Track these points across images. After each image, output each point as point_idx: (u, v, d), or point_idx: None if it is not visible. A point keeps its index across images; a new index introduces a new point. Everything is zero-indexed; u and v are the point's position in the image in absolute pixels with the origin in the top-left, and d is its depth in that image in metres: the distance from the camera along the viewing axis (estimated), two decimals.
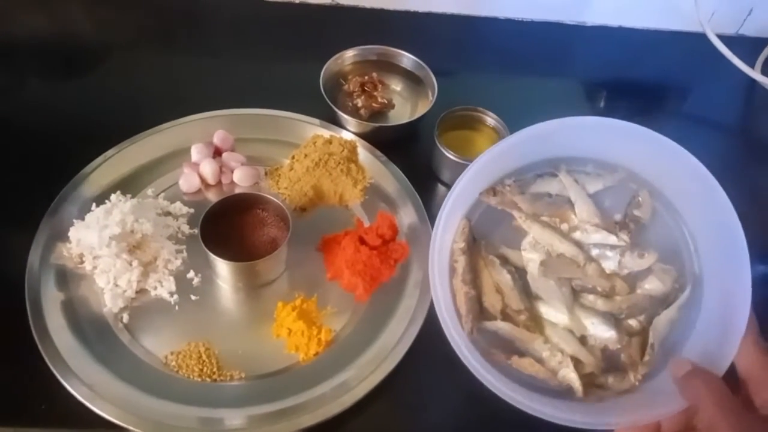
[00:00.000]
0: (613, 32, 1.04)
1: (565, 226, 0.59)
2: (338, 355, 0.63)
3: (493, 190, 0.61)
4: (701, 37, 0.93)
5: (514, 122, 0.78)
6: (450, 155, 0.75)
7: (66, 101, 0.84)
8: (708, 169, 0.48)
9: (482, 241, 0.60)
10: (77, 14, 0.97)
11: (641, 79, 0.99)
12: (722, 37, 0.92)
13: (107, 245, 0.63)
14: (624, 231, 0.58)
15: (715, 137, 0.94)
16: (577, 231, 0.59)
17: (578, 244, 0.58)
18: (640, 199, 0.59)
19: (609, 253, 0.57)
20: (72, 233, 0.66)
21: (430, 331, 0.64)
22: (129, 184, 0.73)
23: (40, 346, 0.60)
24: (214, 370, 0.61)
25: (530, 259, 0.58)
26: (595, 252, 0.58)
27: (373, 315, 0.66)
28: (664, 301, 0.55)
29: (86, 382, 0.58)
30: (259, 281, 0.67)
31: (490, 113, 0.79)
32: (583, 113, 0.91)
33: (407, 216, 0.74)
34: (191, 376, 0.60)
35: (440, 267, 0.56)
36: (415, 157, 0.80)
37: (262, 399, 0.59)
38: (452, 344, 0.52)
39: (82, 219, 0.67)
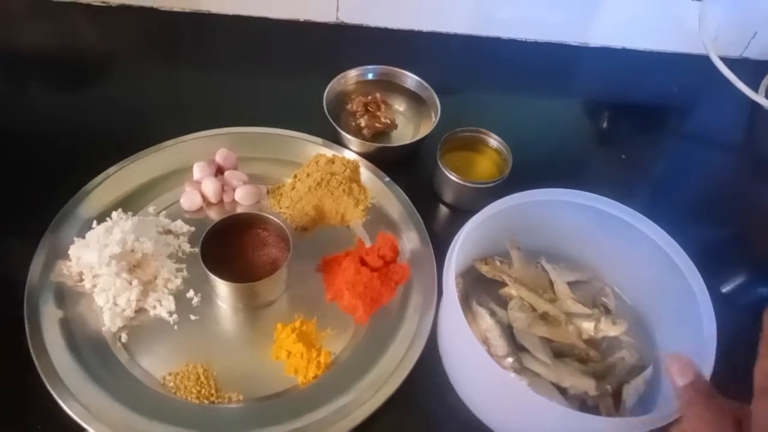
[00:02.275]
0: (617, 53, 1.04)
1: (547, 296, 0.67)
2: (337, 378, 0.62)
3: (485, 260, 0.69)
4: (705, 59, 0.94)
5: (517, 144, 0.78)
6: (452, 177, 0.75)
7: (70, 115, 0.84)
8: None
9: (473, 298, 0.66)
10: (83, 26, 0.98)
11: (644, 101, 0.99)
12: (726, 60, 0.92)
13: (107, 264, 0.63)
14: (597, 308, 0.67)
15: (717, 159, 0.94)
16: (558, 302, 0.67)
17: (559, 308, 0.66)
18: (607, 290, 0.69)
19: (586, 320, 0.65)
20: (72, 251, 0.66)
21: (430, 356, 0.64)
22: (130, 202, 0.73)
23: (37, 365, 0.59)
24: (212, 392, 0.60)
25: (517, 317, 0.65)
26: (574, 319, 0.65)
27: (373, 338, 0.65)
28: (632, 371, 0.63)
29: (82, 402, 0.58)
30: (259, 302, 0.67)
31: (493, 135, 0.79)
32: (584, 134, 0.93)
33: (409, 237, 0.73)
34: (189, 398, 0.60)
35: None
36: (417, 178, 0.80)
37: (260, 423, 0.59)
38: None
39: (83, 237, 0.67)
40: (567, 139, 0.92)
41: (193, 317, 0.66)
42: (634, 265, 0.68)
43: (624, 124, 0.96)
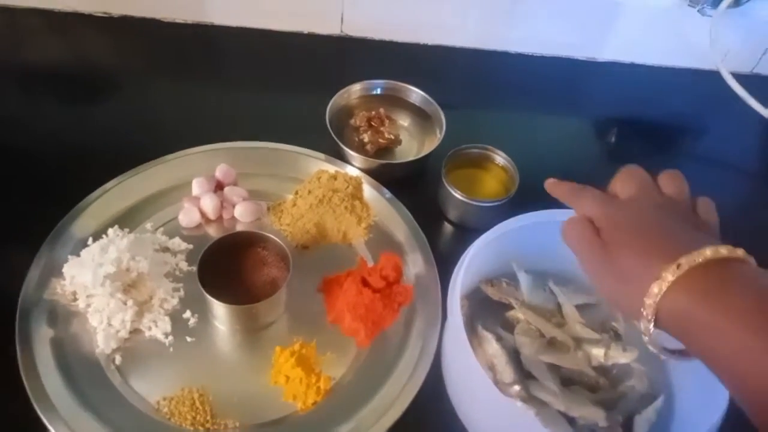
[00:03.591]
0: (626, 69, 1.02)
1: (556, 320, 0.65)
2: (337, 405, 0.60)
3: (491, 282, 0.67)
4: (715, 76, 0.92)
5: (523, 161, 0.76)
6: (457, 195, 0.73)
7: (67, 128, 0.83)
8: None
9: (478, 321, 0.64)
10: (83, 37, 0.96)
11: (654, 117, 0.98)
12: (737, 76, 0.90)
13: (102, 284, 0.61)
14: (606, 334, 0.65)
15: (729, 177, 0.92)
16: (566, 326, 0.65)
17: (568, 333, 0.64)
18: (617, 314, 0.66)
19: (596, 346, 0.62)
20: (66, 269, 0.64)
21: (434, 381, 0.62)
22: (127, 218, 0.71)
23: (27, 387, 0.58)
24: (208, 418, 0.58)
25: (524, 342, 0.62)
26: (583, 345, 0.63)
27: (375, 363, 0.63)
28: (642, 400, 0.61)
29: (72, 427, 0.56)
30: (258, 324, 0.65)
31: (500, 152, 0.77)
32: (593, 152, 0.91)
33: (412, 256, 0.71)
34: (183, 424, 0.58)
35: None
36: (421, 195, 0.78)
37: None
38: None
39: (78, 254, 0.65)
40: (575, 156, 0.90)
41: (189, 339, 0.64)
42: None
43: (633, 141, 0.94)
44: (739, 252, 0.39)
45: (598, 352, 0.63)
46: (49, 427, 0.56)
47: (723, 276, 0.38)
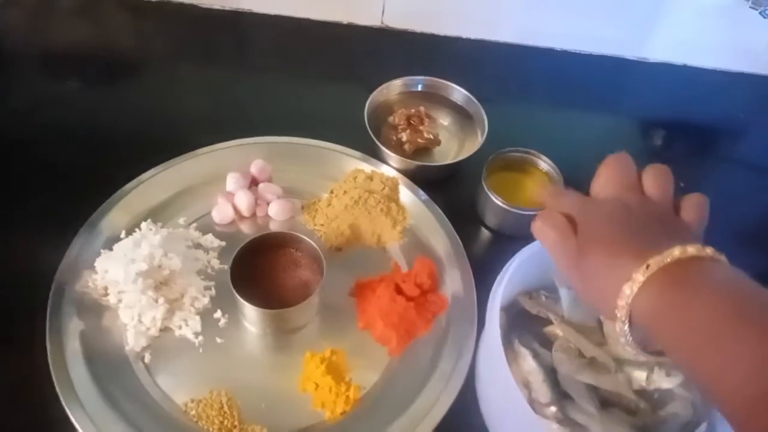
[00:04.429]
0: (677, 70, 0.98)
1: (596, 339, 0.61)
2: (367, 416, 0.59)
3: (529, 294, 0.64)
4: None
5: (568, 165, 0.73)
6: (497, 201, 0.70)
7: (102, 118, 0.82)
8: None
9: (515, 335, 0.61)
10: (119, 22, 0.95)
11: (704, 122, 0.93)
12: None
13: (133, 281, 0.60)
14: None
15: None
16: (607, 345, 0.61)
17: (608, 353, 0.60)
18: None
19: (638, 369, 0.59)
20: (98, 263, 0.63)
21: (467, 397, 0.60)
22: (160, 212, 0.70)
23: (55, 381, 0.57)
24: (236, 423, 0.57)
25: (562, 360, 0.59)
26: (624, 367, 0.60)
27: (406, 374, 0.62)
28: (685, 428, 0.57)
29: (96, 424, 0.55)
30: (288, 327, 0.64)
31: (544, 157, 0.74)
32: (640, 154, 0.86)
33: (447, 263, 0.69)
34: (211, 429, 0.57)
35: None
36: (459, 199, 0.76)
37: None
38: None
39: (110, 248, 0.65)
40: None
41: (219, 340, 0.63)
42: None
43: (683, 147, 0.90)
44: (708, 250, 0.40)
45: (639, 375, 0.60)
46: (74, 421, 0.55)
47: (692, 274, 0.39)
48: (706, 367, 0.37)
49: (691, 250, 0.39)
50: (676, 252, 0.39)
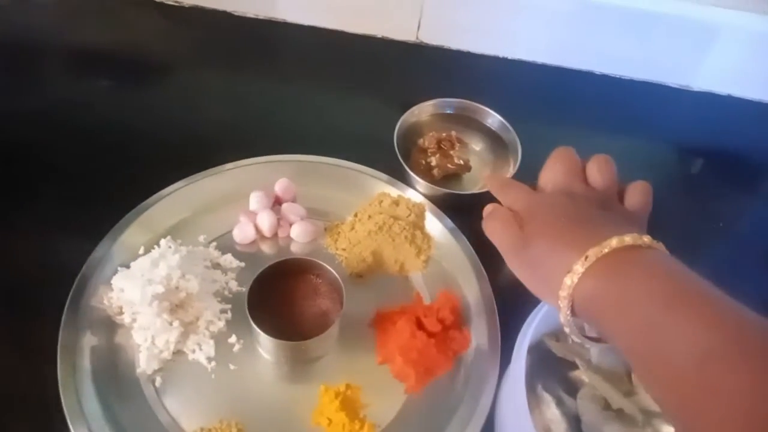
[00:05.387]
0: (721, 100, 0.93)
1: (624, 388, 0.58)
2: None
3: (556, 336, 0.61)
4: None
5: None
6: None
7: (127, 123, 0.80)
8: None
9: (538, 380, 0.58)
10: (152, 26, 0.94)
11: (745, 154, 0.89)
12: None
13: (149, 303, 0.58)
14: None
15: None
16: (635, 396, 0.58)
17: (637, 405, 0.57)
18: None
19: (666, 423, 0.56)
20: (115, 281, 0.62)
21: None
22: (181, 229, 0.69)
23: (62, 395, 0.56)
24: None
25: (587, 409, 0.57)
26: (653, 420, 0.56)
27: (424, 415, 0.59)
28: None
29: None
30: (305, 357, 0.62)
31: None
32: (677, 185, 0.84)
33: (471, 297, 0.67)
34: None
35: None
36: None
37: None
38: None
39: (128, 265, 0.63)
40: (658, 195, 0.82)
41: (232, 366, 0.61)
42: None
43: (722, 178, 0.86)
44: (645, 239, 0.41)
45: (668, 430, 0.57)
46: None
47: (628, 262, 0.40)
48: (644, 350, 0.38)
49: (628, 239, 0.40)
50: (614, 242, 0.40)
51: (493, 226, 0.49)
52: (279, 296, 0.63)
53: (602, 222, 0.44)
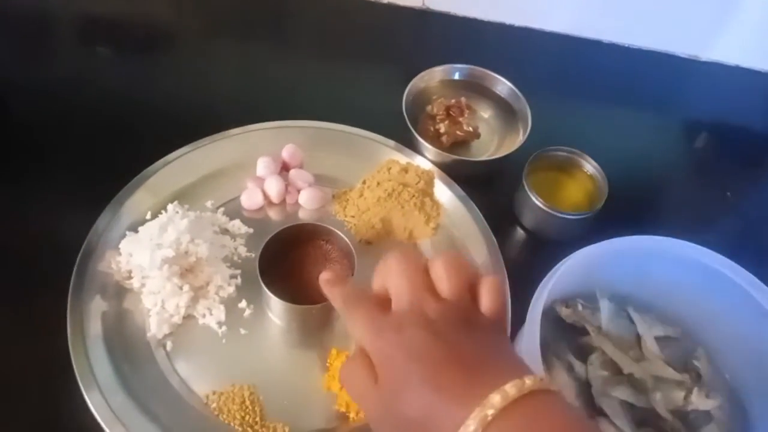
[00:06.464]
0: (730, 71, 0.93)
1: (634, 354, 0.60)
2: None
3: (566, 303, 0.61)
4: None
5: (611, 167, 0.70)
6: (537, 201, 0.67)
7: (133, 89, 0.79)
8: None
9: (549, 346, 0.59)
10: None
11: (753, 126, 0.89)
12: None
13: (159, 267, 0.58)
14: (687, 373, 0.59)
15: None
16: (645, 361, 0.59)
17: (647, 371, 0.58)
18: (700, 351, 0.61)
19: (676, 388, 0.57)
20: (123, 246, 0.61)
21: None
22: (188, 195, 0.68)
23: (73, 362, 0.56)
24: (257, 419, 0.55)
25: (597, 375, 0.58)
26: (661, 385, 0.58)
27: None
28: None
29: (114, 409, 0.54)
30: (315, 323, 0.62)
31: (589, 158, 0.71)
32: (688, 164, 0.83)
33: (481, 263, 0.67)
34: (232, 423, 0.55)
35: None
36: (495, 196, 0.73)
37: None
38: None
39: (136, 230, 0.63)
40: (667, 167, 0.82)
41: (243, 331, 0.61)
42: (734, 327, 0.59)
43: (732, 152, 0.85)
44: (541, 380, 0.35)
45: (677, 396, 0.57)
46: (90, 404, 0.54)
47: (527, 414, 0.34)
48: None
49: (529, 382, 0.34)
50: (497, 399, 0.33)
51: (345, 375, 0.40)
52: (290, 262, 0.62)
53: (483, 357, 0.37)
